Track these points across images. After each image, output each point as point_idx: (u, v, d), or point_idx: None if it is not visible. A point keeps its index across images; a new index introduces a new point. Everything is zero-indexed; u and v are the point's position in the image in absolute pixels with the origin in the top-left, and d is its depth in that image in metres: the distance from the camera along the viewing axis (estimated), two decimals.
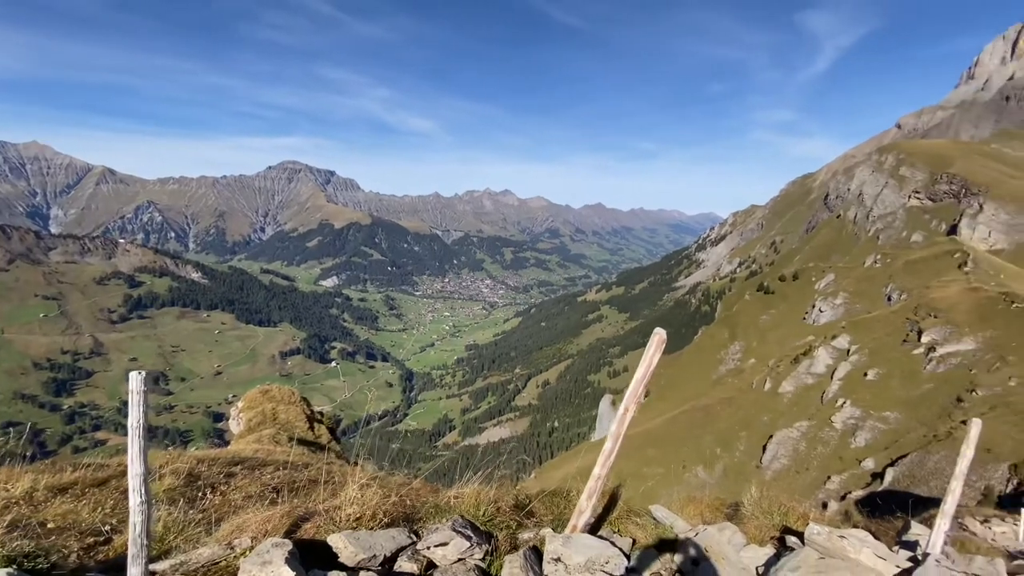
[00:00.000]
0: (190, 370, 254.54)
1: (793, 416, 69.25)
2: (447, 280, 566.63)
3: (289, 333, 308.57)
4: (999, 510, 21.87)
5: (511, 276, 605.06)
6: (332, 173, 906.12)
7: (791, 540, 3.98)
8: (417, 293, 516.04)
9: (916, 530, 4.28)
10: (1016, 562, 6.29)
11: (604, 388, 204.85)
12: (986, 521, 15.49)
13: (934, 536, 3.74)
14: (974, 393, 53.22)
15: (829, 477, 55.12)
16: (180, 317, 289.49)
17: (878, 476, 47.68)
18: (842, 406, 63.36)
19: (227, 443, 19.15)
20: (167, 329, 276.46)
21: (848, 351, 73.80)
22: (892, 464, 46.71)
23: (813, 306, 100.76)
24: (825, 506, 55.41)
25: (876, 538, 4.39)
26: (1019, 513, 10.63)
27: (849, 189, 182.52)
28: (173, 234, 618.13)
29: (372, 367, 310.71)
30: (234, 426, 19.45)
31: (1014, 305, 64.98)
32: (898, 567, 3.40)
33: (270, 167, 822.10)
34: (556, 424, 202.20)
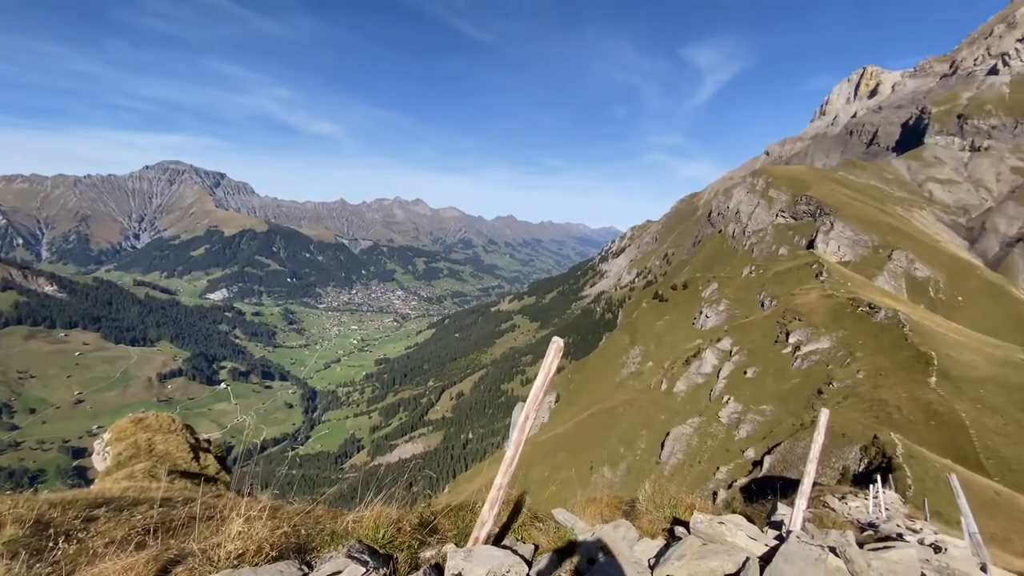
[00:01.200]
0: (41, 399, 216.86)
1: (686, 413, 75.28)
2: (355, 292, 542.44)
3: (169, 353, 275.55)
4: (854, 487, 25.49)
5: (424, 287, 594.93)
6: (222, 176, 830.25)
7: (679, 530, 4.31)
8: (321, 306, 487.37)
9: (782, 511, 4.86)
10: (865, 532, 7.35)
11: (517, 396, 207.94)
12: (843, 498, 17.97)
13: (795, 515, 4.28)
14: (831, 385, 61.71)
15: (718, 468, 60.57)
16: (28, 337, 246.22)
17: (758, 464, 53.22)
18: (727, 402, 70.13)
19: (91, 482, 16.53)
20: (12, 352, 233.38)
21: (731, 352, 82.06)
22: (769, 452, 52.46)
23: (701, 312, 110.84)
24: (715, 495, 60.77)
25: (751, 521, 4.88)
26: (868, 489, 12.48)
27: (728, 207, 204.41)
28: (21, 240, 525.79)
29: (269, 387, 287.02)
30: (99, 462, 16.85)
31: (859, 309, 76.67)
32: (766, 545, 3.81)
33: (147, 167, 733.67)
34: (470, 435, 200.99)
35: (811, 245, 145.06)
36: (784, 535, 4.02)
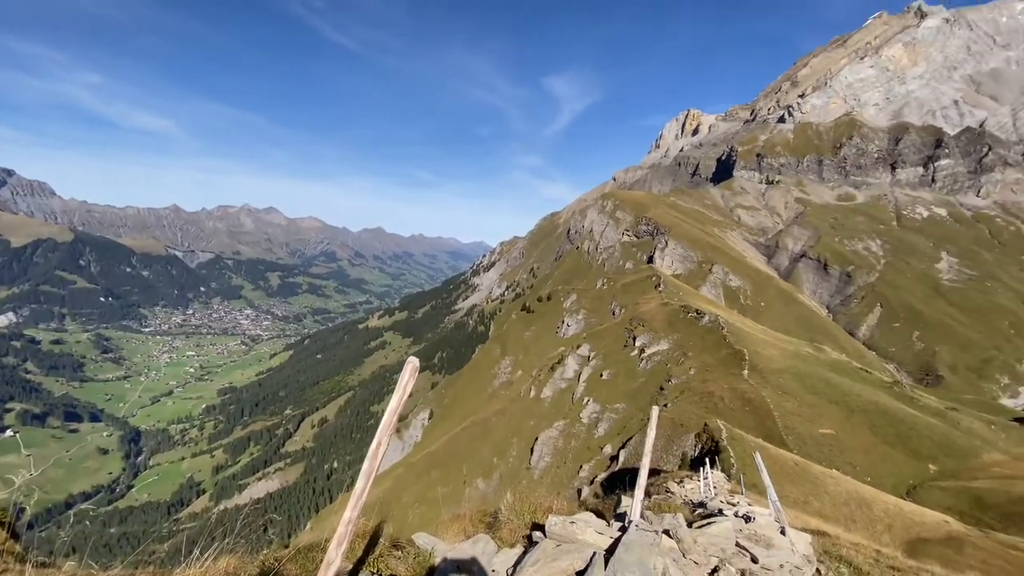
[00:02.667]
0: None
1: (552, 417, 79.46)
2: (191, 312, 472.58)
3: None
4: (691, 471, 29.10)
5: (279, 304, 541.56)
6: (10, 172, 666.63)
7: (536, 535, 4.46)
8: (147, 330, 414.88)
9: (625, 502, 5.37)
10: (696, 511, 8.42)
11: (400, 415, 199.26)
12: (681, 482, 20.43)
13: (634, 505, 4.75)
14: (670, 382, 70.33)
15: (581, 467, 64.85)
16: None
17: (615, 458, 58.14)
18: (587, 403, 75.73)
19: None
20: None
21: (589, 357, 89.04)
22: (623, 447, 57.67)
23: (563, 322, 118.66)
24: (580, 492, 64.92)
25: (601, 516, 5.25)
26: (700, 471, 14.35)
27: (584, 226, 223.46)
28: None
29: (75, 431, 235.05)
30: None
31: (689, 315, 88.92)
32: (611, 538, 4.14)
33: None
34: (336, 464, 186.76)
35: (651, 260, 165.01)
36: (627, 525, 4.40)
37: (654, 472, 29.18)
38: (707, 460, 16.74)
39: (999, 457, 49.23)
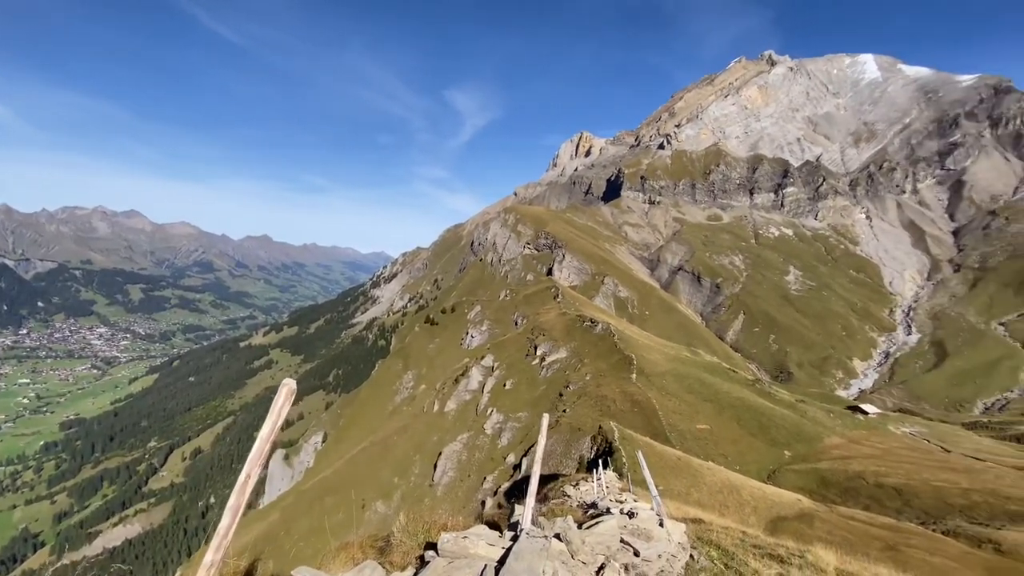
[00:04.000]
0: None
1: (456, 431, 78.65)
2: (25, 331, 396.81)
3: None
4: (587, 473, 30.40)
5: (142, 321, 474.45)
6: None
7: (428, 554, 4.35)
8: None
9: (519, 511, 5.46)
10: (588, 512, 8.78)
11: (274, 443, 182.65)
12: (577, 484, 21.27)
13: (526, 513, 4.85)
14: (568, 388, 73.30)
15: (485, 478, 64.83)
16: None
17: (518, 467, 58.98)
18: (491, 414, 76.14)
19: None
20: None
21: (493, 368, 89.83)
22: (525, 455, 58.74)
23: (467, 333, 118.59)
24: (484, 504, 64.78)
25: (497, 527, 5.26)
26: (593, 473, 15.02)
27: (487, 239, 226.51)
28: None
29: None
30: None
31: (584, 323, 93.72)
32: (504, 548, 4.17)
33: None
34: (212, 500, 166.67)
35: (550, 272, 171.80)
36: (519, 534, 4.47)
37: (553, 477, 30.08)
38: (600, 461, 17.64)
39: (838, 440, 58.22)
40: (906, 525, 32.72)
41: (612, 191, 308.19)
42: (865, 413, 78.76)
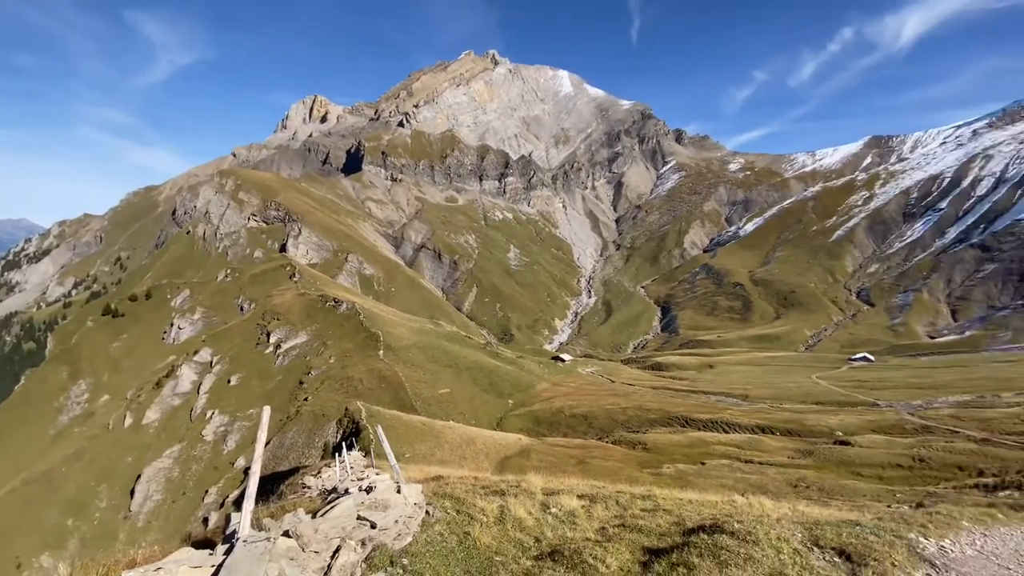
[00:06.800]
0: None
1: (163, 445, 64.29)
2: None
3: None
4: (332, 458, 29.09)
5: None
6: None
7: None
8: None
9: (235, 519, 4.80)
10: (328, 498, 8.38)
11: None
12: (319, 473, 20.17)
13: (243, 520, 4.27)
14: (310, 374, 68.34)
15: (207, 491, 55.22)
16: None
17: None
18: (211, 417, 64.86)
19: None
20: None
21: (211, 363, 76.22)
22: None
23: (172, 324, 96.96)
24: (207, 520, 55.12)
25: (209, 544, 4.50)
26: (336, 457, 14.43)
27: (196, 207, 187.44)
28: None
29: None
30: None
31: (327, 304, 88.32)
32: (214, 566, 3.60)
33: None
34: None
35: (284, 248, 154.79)
36: (235, 544, 3.94)
37: (294, 471, 27.84)
38: (344, 444, 17.17)
39: (546, 385, 71.41)
40: (590, 442, 43.01)
41: (353, 163, 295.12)
42: (563, 360, 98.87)
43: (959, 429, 36.24)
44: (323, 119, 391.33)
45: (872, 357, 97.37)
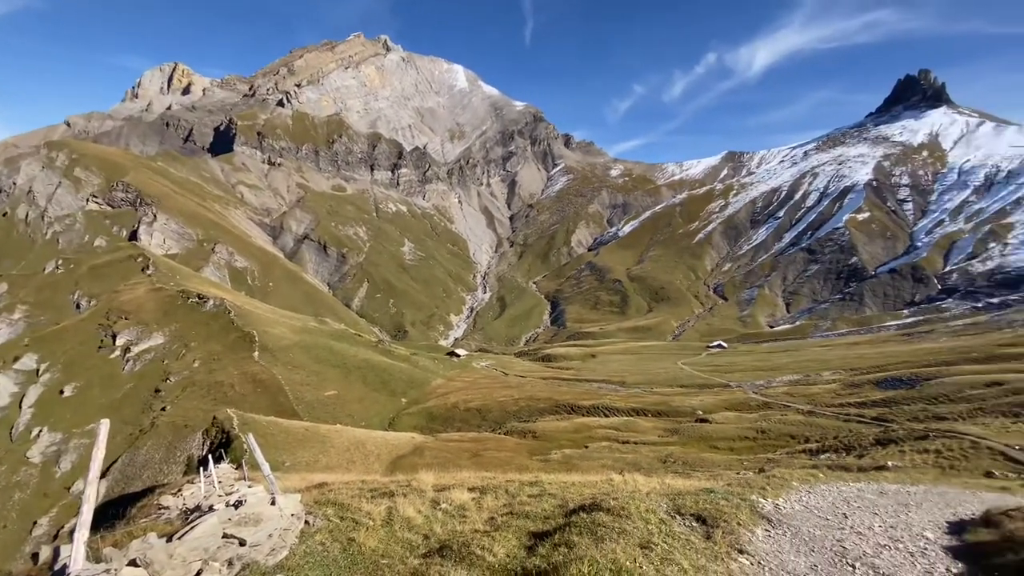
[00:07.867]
0: None
1: None
2: None
3: None
4: (196, 473, 25.91)
5: None
6: None
7: None
8: None
9: (65, 553, 4.05)
10: (190, 518, 7.46)
11: None
12: (179, 492, 17.87)
13: (74, 551, 3.62)
14: (168, 380, 60.12)
15: (36, 522, 46.20)
16: None
17: None
18: (38, 436, 54.29)
19: None
20: None
21: (38, 371, 63.69)
22: (104, 475, 45.02)
23: None
24: (36, 557, 46.02)
25: None
26: (200, 472, 12.88)
27: (15, 184, 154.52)
28: None
29: None
30: None
31: (190, 300, 78.30)
32: None
33: None
34: None
35: (134, 236, 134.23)
36: None
37: (147, 492, 24.38)
38: (211, 457, 15.45)
39: (441, 381, 70.85)
40: (484, 435, 43.68)
41: (222, 143, 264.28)
42: (458, 356, 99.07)
43: (791, 404, 43.17)
44: (186, 91, 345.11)
45: (726, 344, 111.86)
